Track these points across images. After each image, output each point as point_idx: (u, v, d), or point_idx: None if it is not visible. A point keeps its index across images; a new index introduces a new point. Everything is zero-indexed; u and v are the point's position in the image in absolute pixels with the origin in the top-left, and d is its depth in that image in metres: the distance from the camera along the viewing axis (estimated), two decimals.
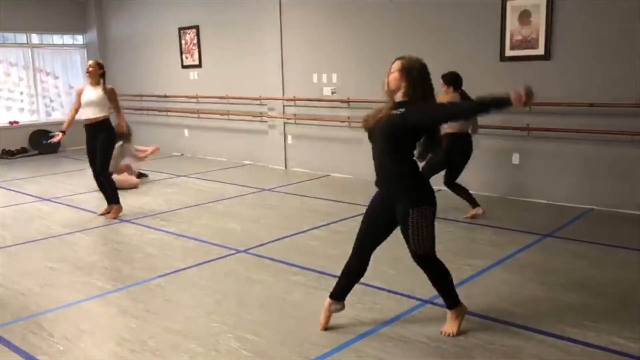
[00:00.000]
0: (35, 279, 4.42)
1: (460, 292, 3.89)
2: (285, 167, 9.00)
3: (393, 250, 4.84)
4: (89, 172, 6.49)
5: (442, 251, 4.67)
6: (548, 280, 4.14)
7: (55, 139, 6.31)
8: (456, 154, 5.55)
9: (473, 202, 5.74)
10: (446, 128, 5.40)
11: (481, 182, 6.64)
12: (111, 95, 6.21)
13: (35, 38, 11.67)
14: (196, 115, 10.15)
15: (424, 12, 7.06)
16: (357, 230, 5.41)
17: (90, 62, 6.44)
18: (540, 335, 3.30)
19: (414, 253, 3.35)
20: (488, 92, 3.02)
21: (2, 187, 8.00)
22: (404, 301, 3.83)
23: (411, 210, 3.19)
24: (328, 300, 3.49)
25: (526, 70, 6.28)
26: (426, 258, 3.37)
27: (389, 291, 3.99)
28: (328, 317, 3.47)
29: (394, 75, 3.32)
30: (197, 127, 10.38)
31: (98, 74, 6.25)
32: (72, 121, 6.31)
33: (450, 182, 5.68)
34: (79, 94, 6.24)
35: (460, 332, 3.36)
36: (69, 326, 3.57)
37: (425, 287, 4.00)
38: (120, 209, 6.21)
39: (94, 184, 6.57)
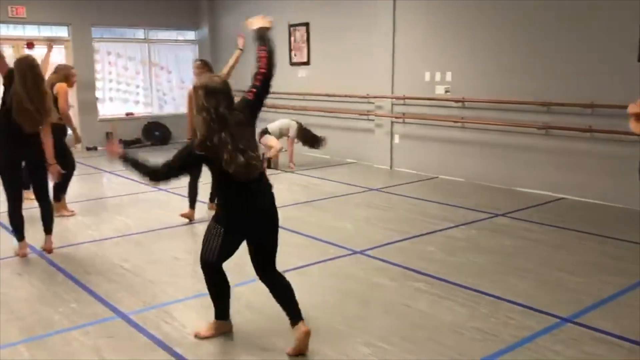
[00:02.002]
0: (162, 268, 4.56)
1: (603, 312, 3.61)
2: (391, 167, 8.85)
3: (517, 261, 4.60)
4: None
5: (576, 264, 4.39)
6: None
7: None
8: None
9: None
10: None
11: (610, 192, 6.17)
12: None
13: (151, 34, 12.24)
14: (302, 112, 10.20)
15: (551, 9, 6.64)
16: (478, 237, 5.23)
17: (197, 62, 6.14)
18: None
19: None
20: None
21: (121, 176, 8.42)
22: (541, 318, 3.57)
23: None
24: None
25: None
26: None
27: (523, 306, 3.74)
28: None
29: None
30: (303, 124, 10.41)
31: (204, 73, 6.19)
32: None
33: None
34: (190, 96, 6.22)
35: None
36: (198, 318, 3.63)
37: (562, 304, 3.75)
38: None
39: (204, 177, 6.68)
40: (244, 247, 3.31)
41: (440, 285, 4.13)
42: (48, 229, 4.95)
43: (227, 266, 3.39)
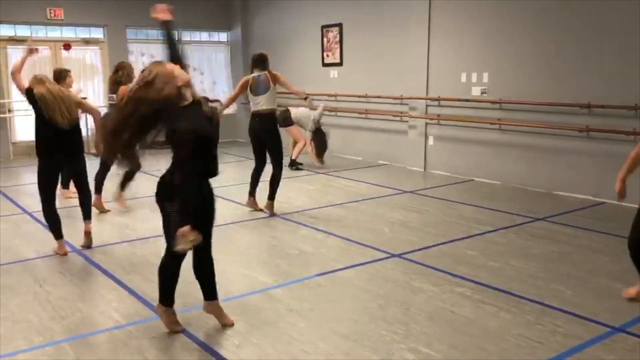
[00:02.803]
0: None
1: None
2: (424, 169, 8.75)
3: (559, 266, 4.49)
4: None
5: (621, 271, 4.16)
6: None
7: None
8: None
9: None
10: None
11: None
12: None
13: (184, 35, 12.33)
14: (334, 113, 10.17)
15: (587, 9, 6.48)
16: (518, 242, 5.11)
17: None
18: None
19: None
20: None
21: (154, 175, 8.47)
22: (590, 326, 3.46)
23: None
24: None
25: None
26: None
27: (570, 313, 3.64)
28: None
29: None
30: (334, 125, 10.38)
31: None
32: None
33: None
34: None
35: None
36: (238, 319, 3.61)
37: (611, 312, 3.64)
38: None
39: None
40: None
41: (483, 291, 4.04)
42: (87, 214, 5.11)
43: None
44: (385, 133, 9.45)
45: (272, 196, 6.23)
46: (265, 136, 6.19)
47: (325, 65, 10.32)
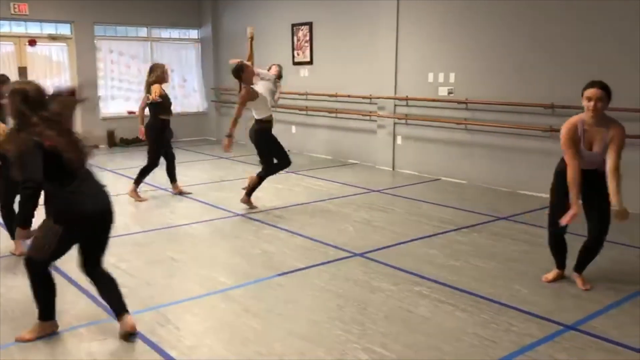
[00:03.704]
0: (159, 269, 4.51)
1: (607, 319, 3.54)
2: (393, 168, 8.77)
3: (519, 266, 4.52)
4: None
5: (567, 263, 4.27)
6: None
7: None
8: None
9: None
10: None
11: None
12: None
13: (154, 32, 12.18)
14: (304, 112, 10.15)
15: (557, 9, 6.57)
16: (480, 241, 5.15)
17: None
18: None
19: None
20: None
21: (122, 175, 8.37)
22: (544, 325, 3.49)
23: None
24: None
25: None
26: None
27: (525, 312, 3.67)
28: None
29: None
30: (304, 124, 10.39)
31: None
32: None
33: None
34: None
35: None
36: (194, 321, 3.57)
37: (566, 311, 3.68)
38: None
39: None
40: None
41: (442, 290, 4.05)
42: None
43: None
44: (354, 132, 9.45)
45: (248, 192, 6.33)
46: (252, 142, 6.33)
47: (295, 63, 10.29)
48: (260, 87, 8.67)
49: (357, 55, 9.12)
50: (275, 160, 6.33)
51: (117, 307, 3.33)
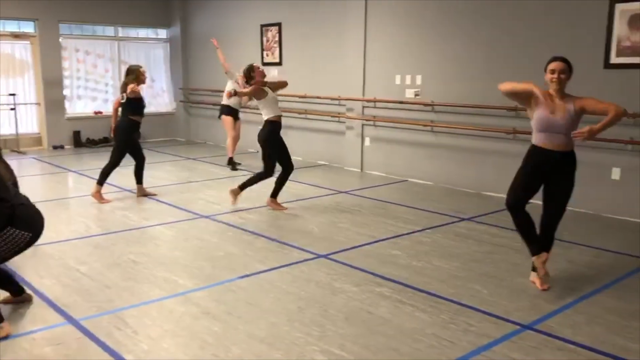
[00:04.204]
0: (119, 271, 4.43)
1: (562, 319, 3.61)
2: (361, 169, 8.81)
3: (480, 266, 4.58)
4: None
5: (528, 262, 4.34)
6: None
7: None
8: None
9: None
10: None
11: (576, 197, 6.19)
12: None
13: (121, 31, 12.01)
14: None
15: (518, 14, 6.68)
16: (443, 242, 5.20)
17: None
18: None
19: None
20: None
21: (86, 176, 8.23)
22: (501, 325, 3.54)
23: None
24: None
25: (633, 79, 5.81)
26: None
27: (484, 312, 3.71)
28: None
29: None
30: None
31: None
32: None
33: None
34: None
35: None
36: (152, 324, 3.52)
37: (523, 310, 3.74)
38: None
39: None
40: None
41: (403, 291, 4.08)
42: None
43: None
44: (324, 133, 9.46)
45: (242, 186, 6.44)
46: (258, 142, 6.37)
47: (265, 64, 10.23)
48: (229, 85, 8.73)
49: (326, 56, 9.14)
50: (272, 164, 6.37)
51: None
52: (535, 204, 4.21)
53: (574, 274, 4.45)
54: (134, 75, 6.62)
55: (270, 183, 6.44)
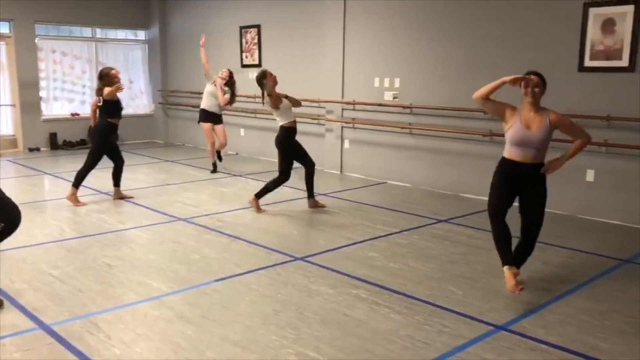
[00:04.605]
0: (93, 275, 4.38)
1: (536, 319, 3.64)
2: (341, 171, 8.82)
3: (456, 267, 4.61)
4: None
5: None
6: (634, 312, 3.79)
7: None
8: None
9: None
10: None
11: (551, 198, 6.26)
12: None
13: (99, 32, 11.88)
14: (253, 115, 10.09)
15: (496, 18, 6.75)
16: (420, 243, 5.22)
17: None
18: None
19: None
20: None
21: (62, 179, 8.12)
22: (475, 326, 3.56)
23: None
24: None
25: (607, 82, 5.91)
26: None
27: (458, 313, 3.73)
28: None
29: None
30: (253, 126, 10.34)
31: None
32: None
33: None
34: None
35: None
36: (125, 328, 3.48)
37: (497, 311, 3.77)
38: None
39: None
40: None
41: (379, 293, 4.08)
42: None
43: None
44: (303, 136, 9.38)
45: (258, 194, 6.44)
46: (276, 146, 6.53)
47: (244, 66, 10.22)
48: (208, 87, 8.69)
49: (305, 59, 9.14)
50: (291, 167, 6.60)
51: None
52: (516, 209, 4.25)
53: (548, 274, 4.50)
54: (106, 80, 6.48)
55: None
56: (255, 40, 9.93)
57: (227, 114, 10.02)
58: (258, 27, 9.86)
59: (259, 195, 6.40)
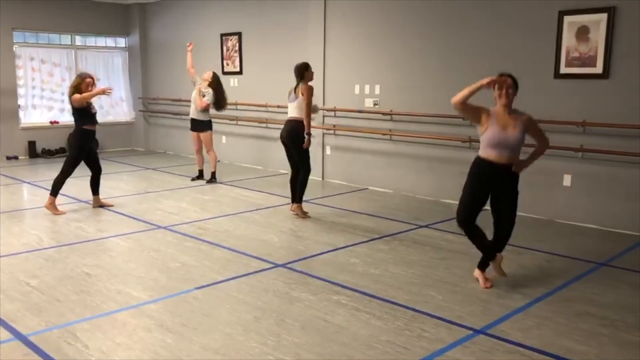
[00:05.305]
0: (71, 284, 4.33)
1: (514, 323, 3.69)
2: (322, 178, 8.84)
3: (435, 272, 4.65)
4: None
5: (492, 274, 4.45)
6: (609, 314, 3.86)
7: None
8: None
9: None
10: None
11: (529, 203, 6.36)
12: None
13: (79, 40, 11.80)
14: (234, 122, 10.09)
15: (474, 26, 6.84)
16: (400, 249, 5.25)
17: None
18: None
19: None
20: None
21: (41, 187, 8.03)
22: (454, 330, 3.59)
23: None
24: None
25: (582, 88, 6.02)
26: None
27: (438, 317, 3.76)
28: None
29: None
30: (235, 134, 10.33)
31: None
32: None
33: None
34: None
35: None
36: (104, 338, 3.45)
37: (475, 315, 3.80)
38: None
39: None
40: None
41: (360, 298, 4.10)
42: None
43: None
44: None
45: (298, 199, 6.51)
46: (288, 141, 6.54)
47: (225, 73, 10.21)
48: (193, 93, 8.66)
49: (286, 66, 9.07)
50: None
51: None
52: (487, 210, 4.31)
53: (526, 278, 4.55)
54: (75, 87, 6.38)
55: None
56: (237, 48, 9.94)
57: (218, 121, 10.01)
58: (239, 34, 9.87)
59: (300, 199, 6.50)
